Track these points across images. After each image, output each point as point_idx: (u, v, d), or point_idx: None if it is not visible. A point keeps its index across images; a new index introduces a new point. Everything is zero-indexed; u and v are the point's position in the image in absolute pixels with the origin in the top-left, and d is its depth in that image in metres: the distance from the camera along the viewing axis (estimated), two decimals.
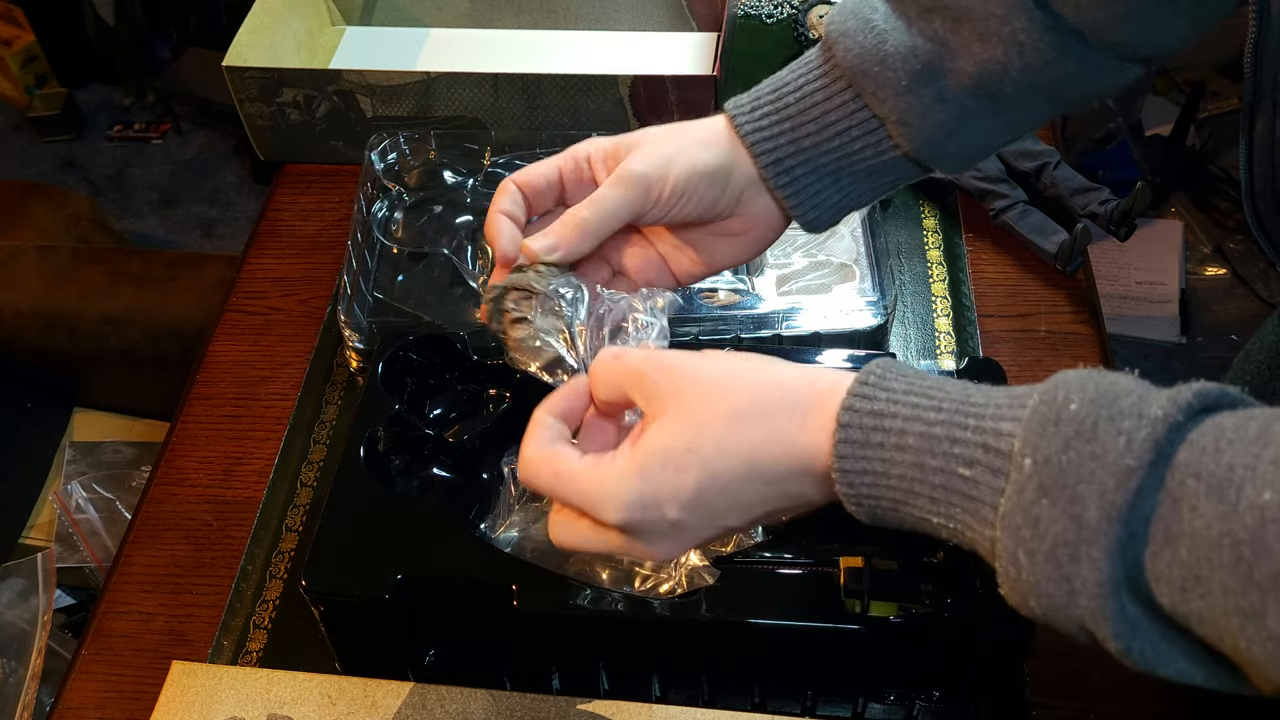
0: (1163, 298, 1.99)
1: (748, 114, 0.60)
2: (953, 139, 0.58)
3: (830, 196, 0.61)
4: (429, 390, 0.75)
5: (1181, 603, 0.38)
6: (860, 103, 0.58)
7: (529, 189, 0.60)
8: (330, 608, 0.65)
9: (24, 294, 1.33)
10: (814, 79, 0.59)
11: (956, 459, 0.43)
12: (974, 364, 0.71)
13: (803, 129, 0.59)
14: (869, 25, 0.57)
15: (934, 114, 0.57)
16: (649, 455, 0.48)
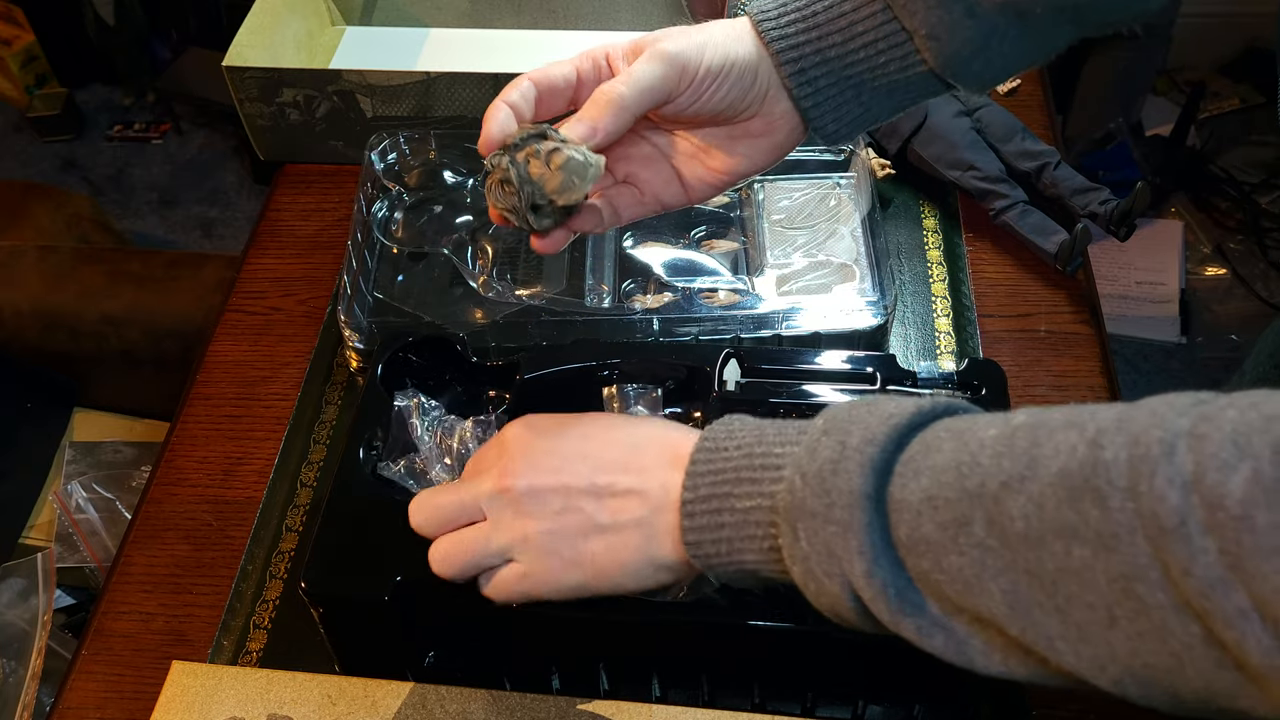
0: (1163, 298, 1.99)
1: (774, 20, 0.59)
2: (979, 57, 0.58)
3: (852, 109, 0.60)
4: (429, 390, 0.75)
5: (915, 530, 0.44)
6: (889, 14, 0.57)
7: (544, 85, 0.58)
8: (330, 609, 0.65)
9: (24, 294, 1.33)
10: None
11: (775, 442, 0.50)
12: (974, 364, 0.71)
13: (829, 39, 0.58)
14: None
15: (963, 29, 0.56)
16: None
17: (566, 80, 0.58)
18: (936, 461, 0.44)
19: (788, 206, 0.90)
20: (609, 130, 0.55)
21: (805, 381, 0.71)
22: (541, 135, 0.54)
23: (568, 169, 0.53)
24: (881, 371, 0.71)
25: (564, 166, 0.53)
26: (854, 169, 0.92)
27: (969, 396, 0.69)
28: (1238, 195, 2.08)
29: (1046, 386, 0.83)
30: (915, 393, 0.70)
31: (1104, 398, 0.82)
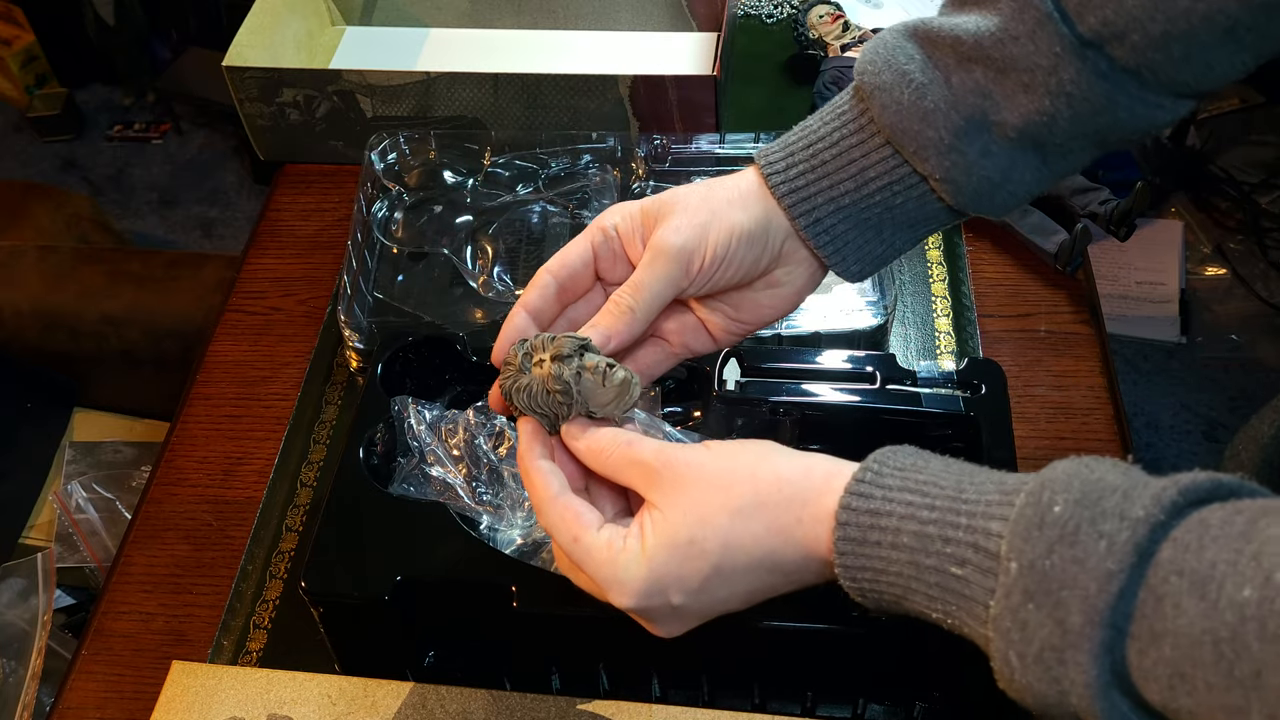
0: (1163, 298, 1.99)
1: (781, 171, 0.57)
2: (1000, 191, 0.56)
3: (873, 249, 0.59)
4: (428, 391, 0.75)
5: (1170, 700, 0.39)
6: (900, 159, 0.55)
7: (565, 274, 0.58)
8: (330, 609, 0.65)
9: (24, 294, 1.33)
10: (849, 133, 0.56)
11: (949, 558, 0.44)
12: (974, 364, 0.71)
13: (840, 186, 0.56)
14: (905, 78, 0.54)
15: (979, 169, 0.54)
16: (657, 547, 0.50)
17: (584, 261, 0.58)
18: (1179, 625, 0.38)
19: None
20: (624, 340, 0.56)
21: (805, 381, 0.72)
22: (585, 347, 0.55)
23: (621, 388, 0.55)
24: (881, 371, 0.71)
25: (619, 385, 0.54)
26: None
27: (970, 396, 0.69)
28: (1238, 195, 2.08)
29: (1046, 386, 0.83)
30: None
31: (1104, 398, 0.83)
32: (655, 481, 0.51)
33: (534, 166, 0.94)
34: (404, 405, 0.71)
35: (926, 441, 0.70)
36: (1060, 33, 0.51)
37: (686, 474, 0.50)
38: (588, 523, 0.52)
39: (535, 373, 0.55)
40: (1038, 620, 0.41)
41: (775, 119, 1.05)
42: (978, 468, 0.48)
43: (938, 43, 0.54)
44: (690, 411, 0.74)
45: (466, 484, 0.69)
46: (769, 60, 1.12)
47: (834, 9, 1.05)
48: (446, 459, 0.70)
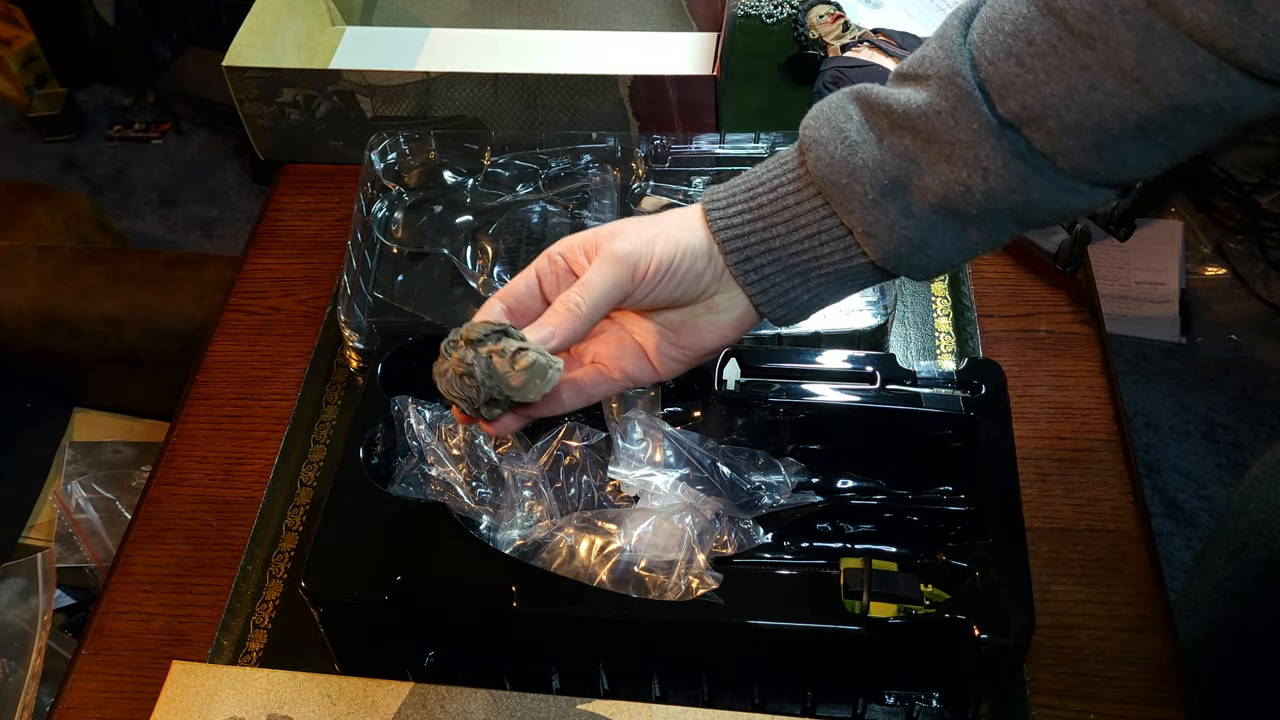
0: (1163, 298, 1.99)
1: (722, 209, 0.60)
2: (919, 252, 0.58)
3: (799, 295, 0.61)
4: (428, 391, 0.75)
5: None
6: (829, 210, 0.58)
7: (511, 300, 0.61)
8: (330, 609, 0.65)
9: (24, 294, 1.33)
10: (787, 181, 0.60)
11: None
12: (974, 364, 0.71)
13: (773, 229, 0.60)
14: (842, 135, 0.58)
15: (900, 229, 0.57)
16: None
17: (530, 287, 0.61)
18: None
19: None
20: (567, 337, 0.58)
21: (805, 381, 0.72)
22: (504, 332, 0.56)
23: (531, 371, 0.55)
24: (881, 371, 0.71)
25: (528, 369, 0.55)
26: None
27: (970, 396, 0.69)
28: (1238, 195, 2.08)
29: (1046, 386, 0.83)
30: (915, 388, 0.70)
31: (1104, 398, 0.83)
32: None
33: (534, 166, 0.94)
34: (404, 405, 0.71)
35: (926, 441, 0.71)
36: (980, 112, 0.54)
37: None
38: None
39: (451, 358, 0.56)
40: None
41: (775, 119, 1.05)
42: None
43: (875, 107, 0.57)
44: (690, 411, 0.74)
45: (466, 484, 0.69)
46: (769, 60, 1.12)
47: (834, 9, 1.05)
48: (446, 459, 0.70)
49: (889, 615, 0.60)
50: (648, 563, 0.65)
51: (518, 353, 0.55)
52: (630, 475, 0.70)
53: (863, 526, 0.71)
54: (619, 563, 0.65)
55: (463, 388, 0.56)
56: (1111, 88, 0.50)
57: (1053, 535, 0.75)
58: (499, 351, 0.55)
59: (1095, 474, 0.78)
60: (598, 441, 0.72)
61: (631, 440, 0.71)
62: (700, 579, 0.63)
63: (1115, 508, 0.76)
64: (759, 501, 0.70)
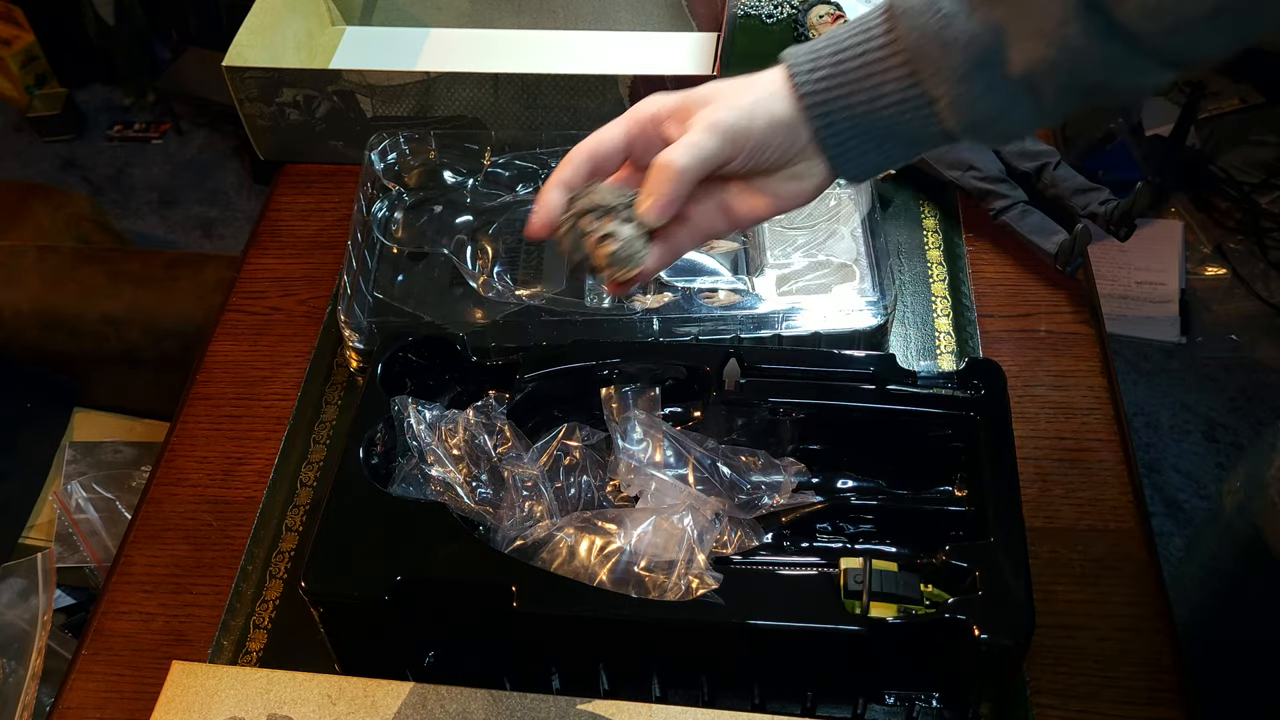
0: (1163, 298, 1.99)
1: (807, 73, 0.62)
2: (995, 125, 0.61)
3: (873, 159, 0.64)
4: (428, 391, 0.75)
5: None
6: (914, 79, 0.60)
7: (600, 154, 0.62)
8: (329, 609, 0.65)
9: (24, 294, 1.33)
10: (874, 48, 0.61)
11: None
12: (974, 364, 0.71)
13: (857, 95, 0.61)
14: (934, 6, 0.59)
15: (983, 102, 0.59)
16: None
17: (616, 147, 0.62)
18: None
19: None
20: (675, 200, 0.60)
21: (805, 381, 0.72)
22: (609, 209, 0.59)
23: (613, 260, 0.59)
24: (881, 371, 0.71)
25: (610, 256, 0.59)
26: None
27: (970, 397, 0.69)
28: (1238, 195, 2.08)
29: (1046, 386, 0.83)
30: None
31: (1104, 398, 0.83)
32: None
33: (534, 166, 0.94)
34: (404, 405, 0.71)
35: (927, 441, 0.71)
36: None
37: None
38: None
39: (567, 214, 0.60)
40: None
41: None
42: None
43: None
44: (690, 411, 0.74)
45: (466, 484, 0.69)
46: (769, 60, 1.11)
47: (834, 9, 1.05)
48: (446, 459, 0.70)
49: (889, 615, 0.60)
50: (648, 563, 0.65)
51: (604, 238, 0.58)
52: (630, 475, 0.70)
53: (863, 526, 0.71)
54: (619, 563, 0.65)
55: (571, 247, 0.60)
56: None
57: (1053, 535, 0.75)
58: (591, 232, 0.59)
59: (1095, 474, 0.78)
60: (598, 441, 0.72)
61: (631, 440, 0.71)
62: (700, 579, 0.63)
63: (1115, 508, 0.76)
64: (759, 501, 0.70)
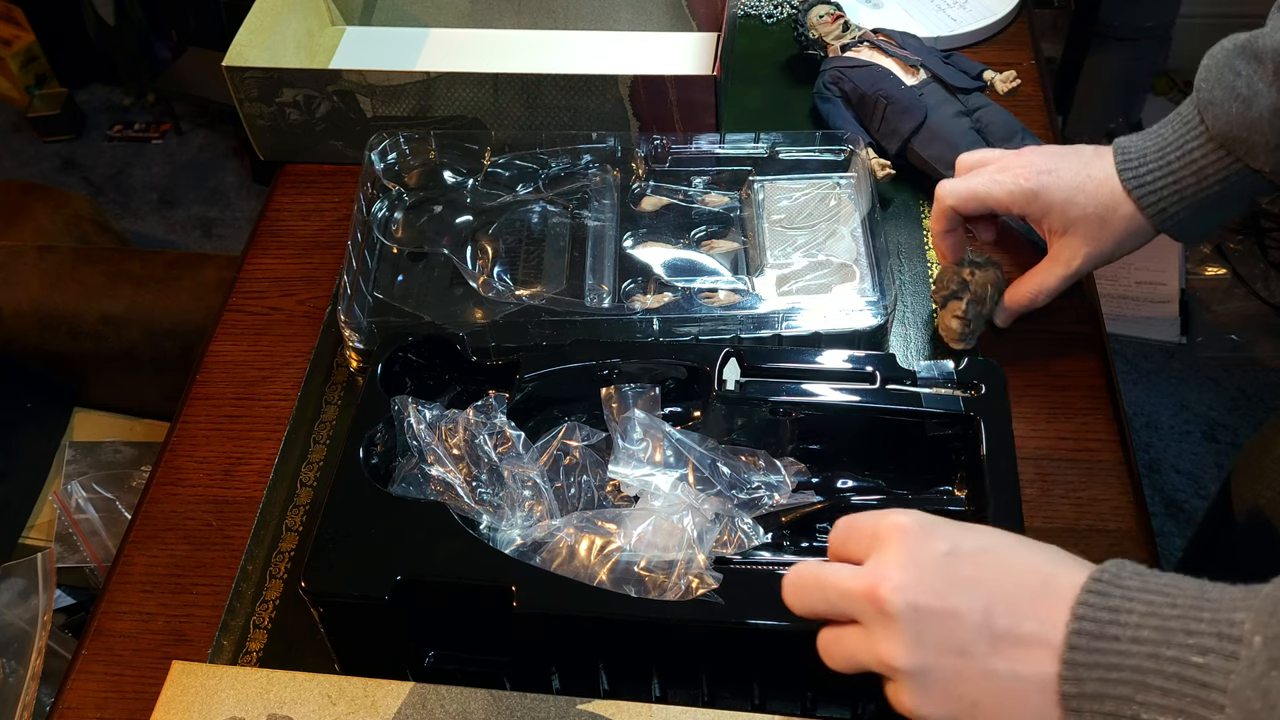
0: (1163, 298, 1.99)
1: (1134, 169, 0.73)
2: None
3: (1212, 220, 0.73)
4: (428, 390, 0.75)
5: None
6: (1234, 158, 0.68)
7: (985, 208, 0.80)
8: (329, 609, 0.65)
9: (24, 294, 1.33)
10: (1193, 140, 0.70)
11: (1192, 649, 0.43)
12: (973, 364, 0.71)
13: (1184, 182, 0.71)
14: (1233, 93, 0.66)
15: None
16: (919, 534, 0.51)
17: (1000, 206, 0.80)
18: None
19: (788, 206, 0.90)
20: (1018, 313, 0.84)
21: (805, 381, 0.72)
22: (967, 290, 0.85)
23: (960, 336, 0.86)
24: (881, 371, 0.71)
25: (957, 332, 0.85)
26: (854, 169, 0.92)
27: (970, 397, 0.69)
28: None
29: (1046, 387, 0.83)
30: None
31: (1104, 398, 0.83)
32: None
33: (534, 166, 0.94)
34: (404, 405, 0.71)
35: (926, 441, 0.71)
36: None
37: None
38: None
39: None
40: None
41: (775, 119, 1.05)
42: None
43: (1262, 58, 0.66)
44: (690, 411, 0.74)
45: (466, 484, 0.69)
46: (769, 60, 1.12)
47: (834, 9, 1.05)
48: (446, 458, 0.70)
49: None
50: (647, 563, 0.65)
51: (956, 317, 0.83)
52: (630, 475, 0.70)
53: None
54: (619, 563, 0.65)
55: None
56: None
57: (1053, 535, 0.75)
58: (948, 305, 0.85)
59: (1095, 474, 0.78)
60: (598, 441, 0.72)
61: (631, 440, 0.71)
62: (700, 579, 0.63)
63: (1115, 508, 0.76)
64: (759, 501, 0.70)
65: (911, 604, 0.48)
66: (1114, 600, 0.46)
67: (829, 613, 0.52)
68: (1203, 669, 0.43)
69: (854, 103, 0.98)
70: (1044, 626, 0.47)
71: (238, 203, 2.37)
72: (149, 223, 2.35)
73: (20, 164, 2.49)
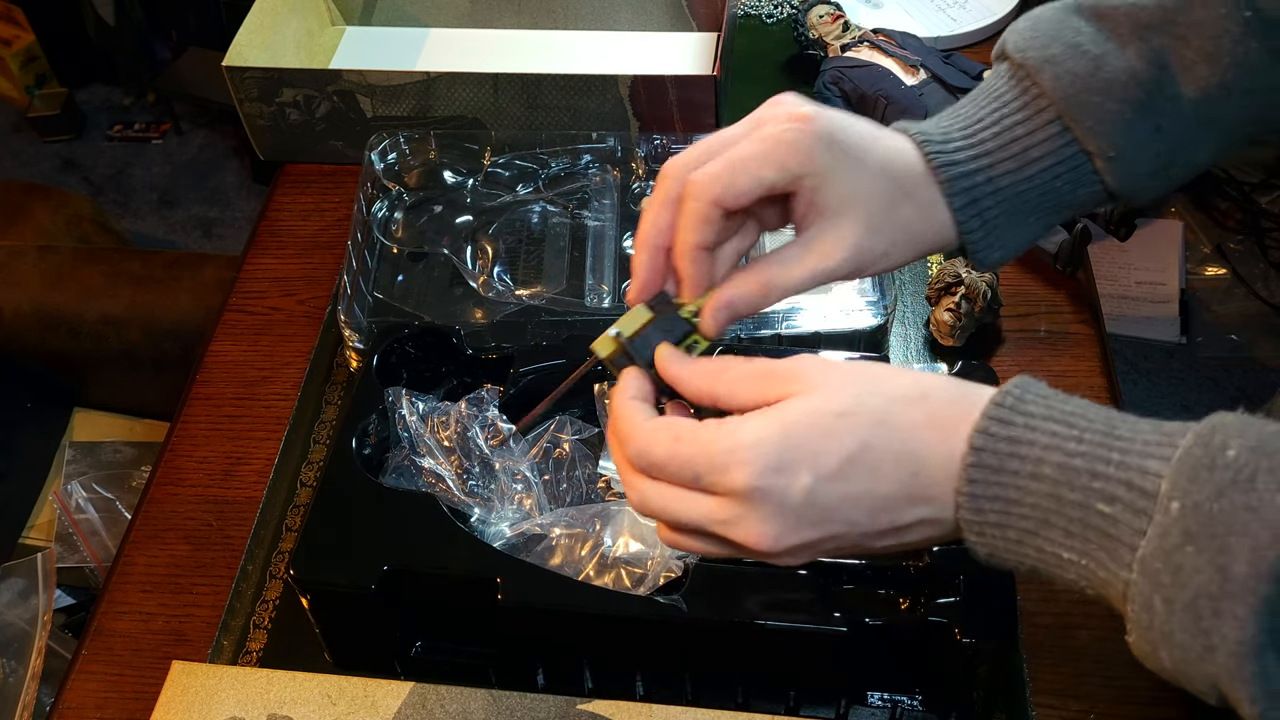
0: (1163, 298, 1.99)
1: (939, 146, 0.55)
2: (1161, 175, 0.54)
3: (1018, 236, 0.56)
4: (424, 383, 0.75)
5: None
6: (1068, 136, 0.53)
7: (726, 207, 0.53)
8: (317, 597, 0.65)
9: (24, 294, 1.33)
10: (1012, 110, 0.54)
11: (1096, 494, 0.42)
12: (966, 368, 0.71)
13: (999, 166, 0.54)
14: (1077, 49, 0.52)
15: (1150, 148, 0.52)
16: (794, 414, 0.45)
17: (761, 193, 0.53)
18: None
19: None
20: (746, 313, 0.53)
21: None
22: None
23: None
24: None
25: None
26: None
27: None
28: (1238, 195, 2.08)
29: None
30: None
31: (1104, 398, 0.83)
32: (794, 377, 0.46)
33: (534, 166, 0.94)
34: (397, 396, 0.71)
35: None
36: (1240, 4, 0.50)
37: (835, 367, 0.47)
38: (683, 420, 0.48)
39: None
40: (1195, 565, 0.38)
41: None
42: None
43: (1110, 16, 0.52)
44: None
45: (457, 476, 0.70)
46: (769, 60, 1.12)
47: (834, 9, 1.05)
48: (437, 450, 0.70)
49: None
50: (625, 556, 0.65)
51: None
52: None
53: None
54: (604, 558, 0.66)
55: None
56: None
57: None
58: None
59: None
60: (589, 436, 0.72)
61: None
62: (666, 568, 0.64)
63: None
64: None
65: (789, 549, 0.46)
66: (1015, 430, 0.44)
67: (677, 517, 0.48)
68: (1108, 519, 0.41)
69: (854, 103, 0.98)
70: (931, 509, 0.45)
71: (238, 203, 2.37)
72: (149, 223, 2.35)
73: (20, 164, 2.48)
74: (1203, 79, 0.51)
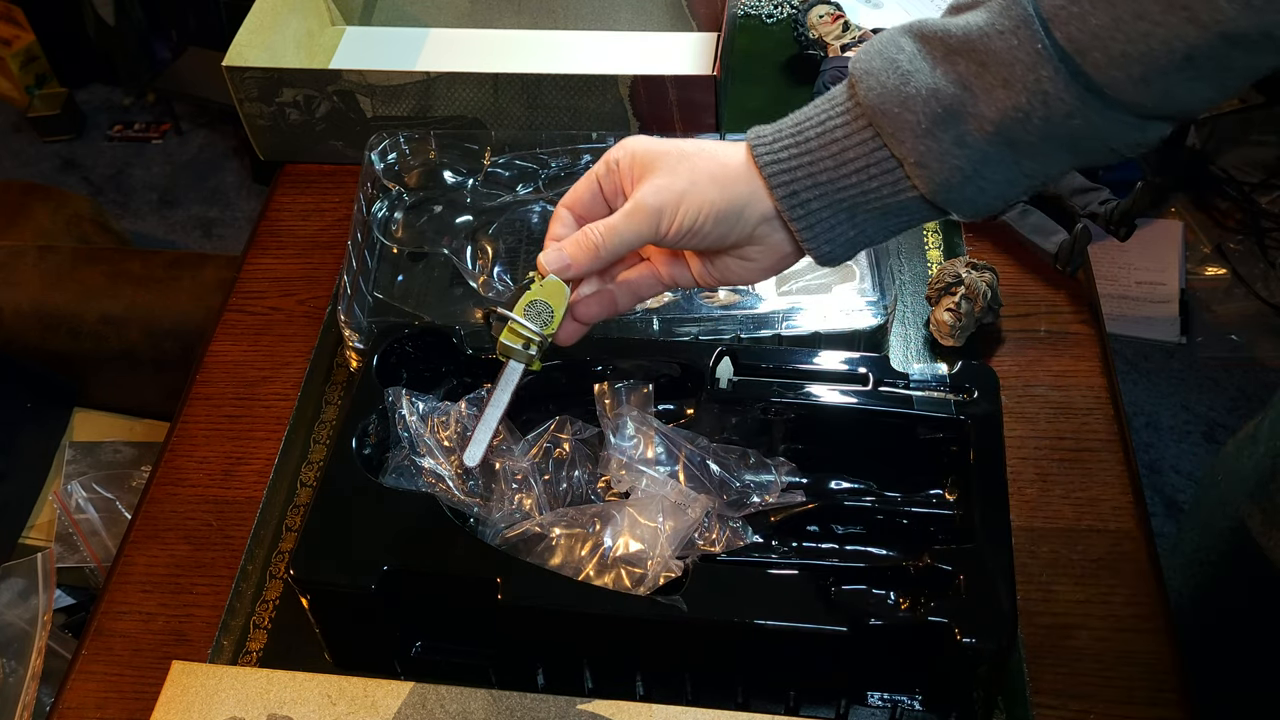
0: (1163, 298, 1.99)
1: (768, 145, 0.61)
2: (970, 184, 0.57)
3: (845, 232, 0.61)
4: (424, 383, 0.75)
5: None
6: (879, 142, 0.58)
7: (579, 207, 0.64)
8: (317, 597, 0.65)
9: (24, 294, 1.33)
10: (836, 114, 0.60)
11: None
12: (966, 368, 0.71)
13: (821, 164, 0.60)
14: (894, 65, 0.57)
15: (952, 158, 0.56)
16: None
17: (592, 193, 0.64)
18: None
19: None
20: (582, 270, 0.62)
21: (798, 381, 0.72)
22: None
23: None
24: (875, 373, 0.71)
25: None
26: None
27: (962, 400, 0.69)
28: (1238, 195, 2.08)
29: (1046, 386, 0.83)
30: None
31: (1104, 398, 0.83)
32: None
33: (534, 166, 0.94)
34: (397, 396, 0.71)
35: (918, 444, 0.71)
36: (1039, 35, 0.53)
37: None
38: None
39: None
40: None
41: (775, 119, 1.05)
42: None
43: (929, 38, 0.57)
44: (683, 409, 0.74)
45: (457, 476, 0.70)
46: (769, 60, 1.12)
47: (834, 9, 1.05)
48: (437, 450, 0.70)
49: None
50: (625, 556, 0.65)
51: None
52: (621, 471, 0.70)
53: (852, 528, 0.71)
54: (604, 558, 0.66)
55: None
56: (1158, 16, 0.50)
57: (1053, 535, 0.75)
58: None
59: (1095, 474, 0.78)
60: (589, 436, 0.72)
61: (623, 436, 0.71)
62: (665, 567, 0.64)
63: (1115, 508, 0.76)
64: (747, 499, 0.70)
65: None
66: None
67: None
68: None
69: None
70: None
71: (238, 203, 2.37)
72: (149, 223, 2.35)
73: (20, 164, 2.49)
74: (1000, 102, 0.55)
